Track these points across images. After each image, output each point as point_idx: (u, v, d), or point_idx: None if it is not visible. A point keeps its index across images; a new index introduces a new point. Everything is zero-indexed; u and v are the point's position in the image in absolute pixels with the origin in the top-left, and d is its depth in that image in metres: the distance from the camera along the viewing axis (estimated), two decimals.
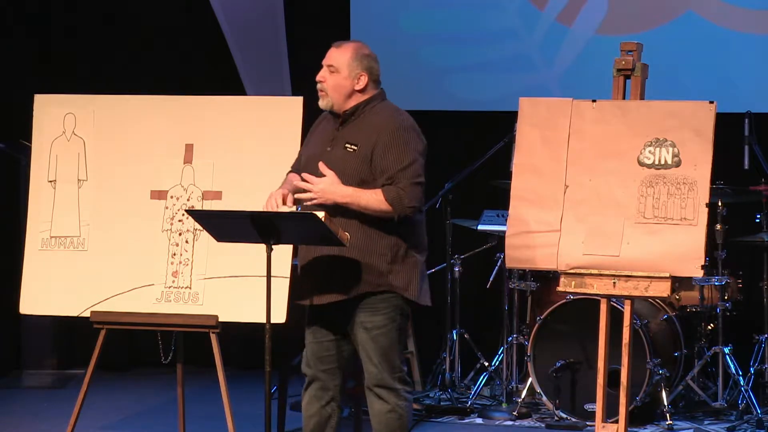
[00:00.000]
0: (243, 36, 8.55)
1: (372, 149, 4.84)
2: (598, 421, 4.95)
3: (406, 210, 4.80)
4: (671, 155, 4.86)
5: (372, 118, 4.91)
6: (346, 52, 4.93)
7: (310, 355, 5.01)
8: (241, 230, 4.82)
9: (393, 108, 4.99)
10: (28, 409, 7.49)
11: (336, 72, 4.91)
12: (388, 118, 4.90)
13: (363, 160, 4.84)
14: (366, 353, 4.90)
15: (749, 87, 7.83)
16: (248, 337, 7.55)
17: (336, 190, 4.79)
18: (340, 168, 4.83)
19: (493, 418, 6.99)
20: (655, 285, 4.80)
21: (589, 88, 6.01)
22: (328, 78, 4.92)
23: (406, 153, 4.84)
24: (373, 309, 4.87)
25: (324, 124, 5.05)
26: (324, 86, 4.92)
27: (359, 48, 4.96)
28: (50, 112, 6.05)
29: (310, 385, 5.04)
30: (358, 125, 4.91)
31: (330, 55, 4.94)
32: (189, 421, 6.13)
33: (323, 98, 4.94)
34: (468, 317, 7.71)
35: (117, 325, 5.75)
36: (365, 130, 4.88)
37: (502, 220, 7.04)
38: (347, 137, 4.89)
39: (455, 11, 8.32)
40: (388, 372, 4.88)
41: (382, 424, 4.92)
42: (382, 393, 4.89)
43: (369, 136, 4.86)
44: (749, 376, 6.99)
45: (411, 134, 4.90)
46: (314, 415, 5.02)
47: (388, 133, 4.85)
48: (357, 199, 4.79)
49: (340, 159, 4.86)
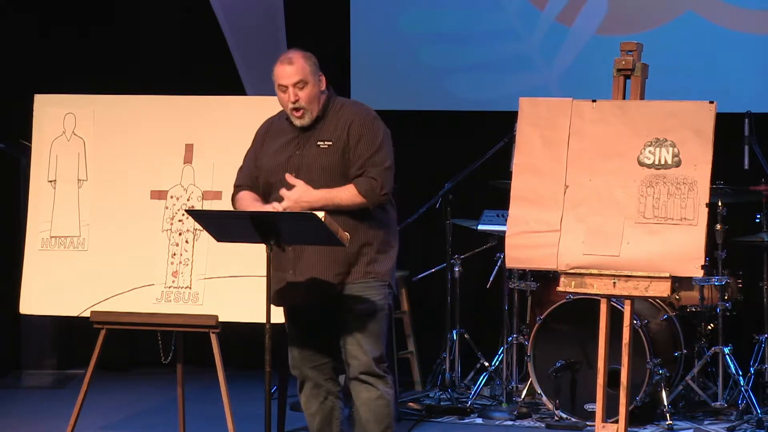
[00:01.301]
0: (243, 36, 8.55)
1: (345, 142, 4.93)
2: (598, 421, 4.94)
3: (380, 198, 4.92)
4: (671, 155, 4.86)
5: (338, 113, 5.00)
6: (304, 62, 4.98)
7: (297, 355, 5.07)
8: (241, 230, 4.83)
9: (351, 101, 5.11)
10: (28, 409, 7.49)
11: (306, 85, 4.96)
12: (354, 112, 5.00)
13: (339, 154, 4.93)
14: (355, 340, 4.93)
15: (749, 87, 7.82)
16: (248, 337, 7.54)
17: (308, 197, 4.86)
18: (317, 165, 4.91)
19: (493, 418, 6.99)
20: (655, 285, 4.80)
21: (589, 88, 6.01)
22: (301, 94, 4.96)
23: (374, 141, 4.95)
24: (361, 296, 4.93)
25: (278, 130, 5.08)
26: (301, 104, 4.96)
27: (305, 54, 5.02)
28: (50, 112, 6.06)
29: (303, 386, 5.09)
30: (327, 123, 4.99)
31: (293, 73, 4.96)
32: (189, 421, 6.13)
33: (304, 116, 4.97)
34: (468, 317, 7.71)
35: (117, 325, 5.75)
36: (334, 126, 4.97)
37: (502, 220, 7.04)
38: (318, 136, 4.96)
39: (455, 11, 8.32)
40: (376, 359, 4.93)
41: (371, 411, 4.93)
42: (370, 380, 4.92)
43: (340, 130, 4.95)
44: (749, 376, 6.98)
45: (376, 123, 5.01)
46: (317, 413, 5.07)
47: (356, 125, 4.95)
48: (330, 199, 4.87)
49: (315, 157, 4.93)
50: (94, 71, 8.47)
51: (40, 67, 8.54)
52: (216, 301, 5.69)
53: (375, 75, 8.37)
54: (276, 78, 5.02)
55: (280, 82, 4.99)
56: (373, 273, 4.95)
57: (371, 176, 4.90)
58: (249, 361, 8.22)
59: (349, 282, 4.94)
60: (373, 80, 8.34)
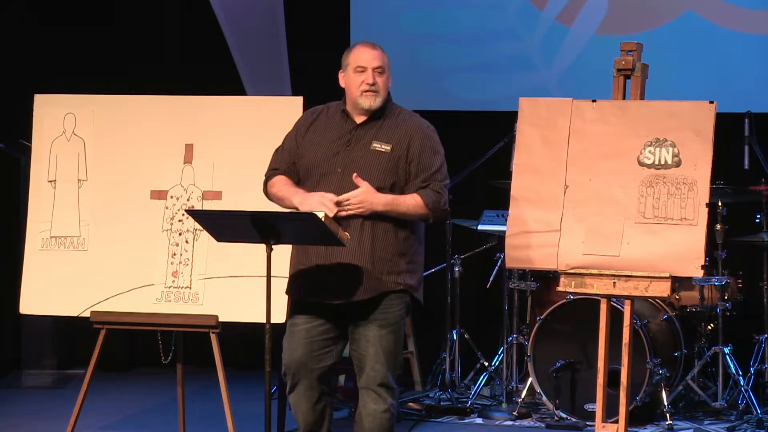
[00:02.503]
0: (243, 36, 8.55)
1: (406, 151, 4.87)
2: (598, 421, 4.94)
3: (441, 213, 4.90)
4: (671, 155, 4.86)
5: (396, 119, 4.94)
6: (384, 54, 4.96)
7: (300, 356, 4.93)
8: (241, 230, 4.82)
9: (409, 111, 5.04)
10: (28, 409, 7.49)
11: (383, 73, 4.93)
12: (417, 121, 4.97)
13: (396, 161, 4.86)
14: (375, 351, 4.87)
15: (749, 87, 7.83)
16: (248, 337, 7.54)
17: (375, 200, 4.79)
18: (365, 168, 4.83)
19: (493, 418, 6.98)
20: (655, 285, 4.80)
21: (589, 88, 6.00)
22: (378, 79, 4.92)
23: (437, 155, 4.92)
24: (387, 307, 4.88)
25: (327, 122, 5.01)
26: (378, 87, 4.90)
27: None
28: (50, 112, 6.06)
29: (296, 387, 4.96)
30: (386, 126, 4.92)
31: (376, 57, 4.93)
32: (189, 421, 6.13)
33: (376, 97, 4.90)
34: (468, 317, 7.71)
35: (117, 325, 5.75)
36: (393, 131, 4.90)
37: (502, 220, 7.04)
38: (376, 137, 4.90)
39: (455, 11, 8.32)
40: (392, 371, 4.90)
41: (376, 423, 4.90)
42: (382, 392, 4.88)
43: (400, 137, 4.89)
44: (749, 376, 6.99)
45: (437, 137, 4.97)
46: (307, 412, 4.96)
47: (420, 136, 4.90)
48: (396, 206, 4.82)
49: (365, 158, 4.86)
50: (94, 71, 8.47)
51: (40, 67, 8.54)
52: (216, 301, 5.68)
53: None
54: (354, 59, 4.93)
55: (360, 64, 4.91)
56: (404, 285, 4.90)
57: (436, 190, 4.85)
58: (249, 361, 8.22)
59: (384, 290, 4.87)
60: None
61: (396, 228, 4.87)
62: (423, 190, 4.85)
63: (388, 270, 4.86)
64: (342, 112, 4.98)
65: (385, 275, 4.86)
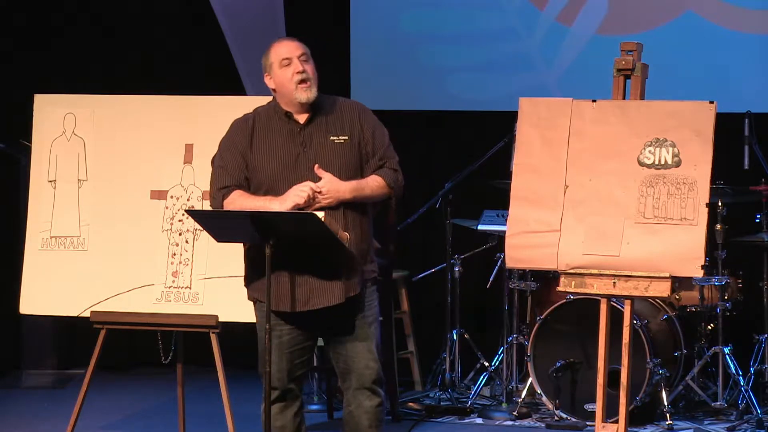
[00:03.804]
0: (243, 36, 8.55)
1: (360, 134, 4.82)
2: (598, 421, 4.94)
3: (400, 190, 4.86)
4: (671, 155, 4.85)
5: (338, 108, 4.86)
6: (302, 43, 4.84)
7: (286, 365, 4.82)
8: (241, 230, 4.81)
9: (336, 96, 4.93)
10: (28, 409, 7.49)
11: (308, 60, 4.81)
12: (354, 104, 4.91)
13: (356, 148, 4.81)
14: (368, 349, 4.82)
15: (749, 87, 7.82)
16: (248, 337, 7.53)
17: (341, 188, 4.74)
18: (335, 162, 4.77)
19: (493, 418, 6.99)
20: (655, 285, 4.80)
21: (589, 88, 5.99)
22: (307, 66, 4.80)
23: (384, 133, 4.88)
24: (369, 300, 4.86)
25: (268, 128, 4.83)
26: (308, 75, 4.78)
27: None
28: (50, 112, 6.06)
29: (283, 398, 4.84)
30: (333, 117, 4.83)
31: (297, 46, 4.81)
32: (189, 421, 6.13)
33: (311, 88, 4.77)
34: (468, 317, 7.71)
35: (117, 325, 5.75)
36: (342, 120, 4.83)
37: (502, 220, 7.04)
38: (329, 130, 4.81)
39: (455, 11, 8.32)
40: (381, 365, 4.87)
41: (373, 418, 4.84)
42: (377, 389, 4.85)
43: (351, 123, 4.82)
44: (749, 376, 6.99)
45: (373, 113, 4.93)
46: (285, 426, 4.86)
47: (366, 117, 4.85)
48: (362, 191, 4.77)
49: (328, 154, 4.78)
50: (94, 71, 8.47)
51: (40, 67, 8.54)
52: (216, 301, 5.69)
53: (375, 75, 8.37)
54: (277, 54, 4.79)
55: (284, 56, 4.76)
56: (375, 274, 4.87)
57: (392, 167, 4.82)
58: (249, 361, 8.20)
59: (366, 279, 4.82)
60: (373, 80, 8.34)
61: (362, 216, 4.81)
62: (381, 170, 4.80)
63: (367, 260, 4.84)
64: (284, 114, 4.82)
65: (366, 265, 4.83)
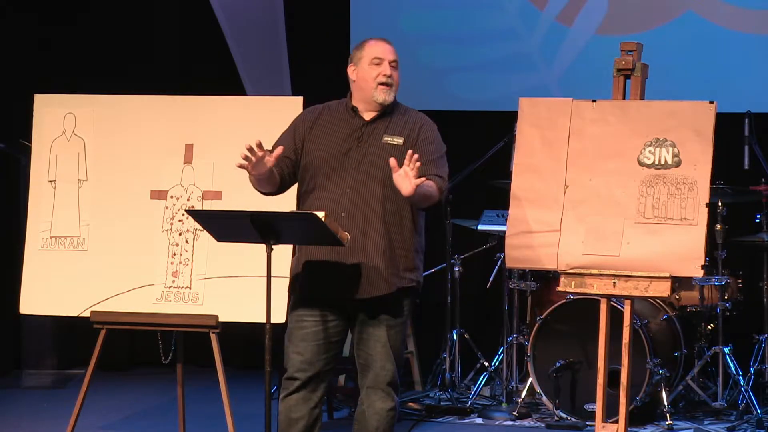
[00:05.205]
0: (243, 36, 8.55)
1: (416, 140, 4.86)
2: (598, 421, 4.94)
3: (442, 200, 4.87)
4: (671, 155, 4.86)
5: (404, 114, 4.94)
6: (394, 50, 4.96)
7: (311, 356, 4.86)
8: (241, 230, 4.82)
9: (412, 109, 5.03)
10: (28, 409, 7.49)
11: (396, 68, 4.94)
12: (422, 116, 4.98)
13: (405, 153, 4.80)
14: (386, 350, 4.83)
15: (749, 87, 7.83)
16: (248, 337, 7.55)
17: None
18: (379, 162, 4.79)
19: (493, 418, 6.99)
20: (655, 285, 4.80)
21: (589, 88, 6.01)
22: (393, 74, 4.92)
23: (440, 148, 4.91)
24: (398, 305, 4.86)
25: (332, 120, 4.96)
26: (393, 81, 4.90)
27: None
28: (50, 112, 6.06)
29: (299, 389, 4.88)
30: (395, 120, 4.91)
31: (392, 51, 4.94)
32: (189, 421, 6.13)
33: (391, 91, 4.90)
34: (468, 317, 7.71)
35: (117, 325, 5.75)
36: (404, 124, 4.90)
37: (502, 220, 7.04)
38: (387, 130, 4.88)
39: (455, 11, 8.32)
40: (397, 369, 4.89)
41: (383, 422, 4.87)
42: (390, 391, 4.86)
43: (410, 129, 4.88)
44: (749, 376, 6.99)
45: (438, 134, 4.97)
46: (302, 417, 4.88)
47: (427, 128, 4.91)
48: (421, 186, 4.70)
49: (379, 153, 4.83)
50: (94, 71, 8.47)
51: (40, 67, 8.54)
52: (216, 301, 5.68)
53: None
54: (370, 51, 4.92)
55: (377, 56, 4.89)
56: (416, 282, 4.90)
57: (440, 175, 4.84)
58: (249, 361, 8.23)
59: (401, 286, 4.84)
60: None
61: (406, 223, 4.85)
62: (434, 177, 4.81)
63: (404, 266, 4.85)
64: (350, 109, 4.95)
65: (401, 271, 4.84)
